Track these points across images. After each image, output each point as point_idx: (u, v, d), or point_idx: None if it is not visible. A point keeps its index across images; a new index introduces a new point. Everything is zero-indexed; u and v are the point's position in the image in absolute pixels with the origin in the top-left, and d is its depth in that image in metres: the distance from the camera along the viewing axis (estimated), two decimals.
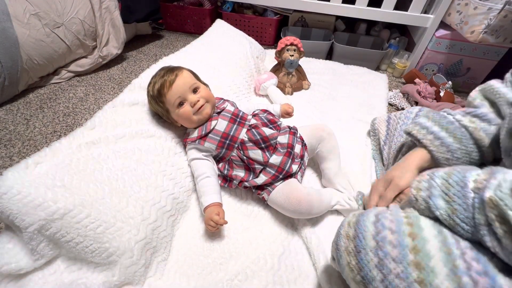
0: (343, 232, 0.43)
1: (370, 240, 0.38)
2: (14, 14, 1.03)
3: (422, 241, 0.35)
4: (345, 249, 0.41)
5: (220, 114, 0.71)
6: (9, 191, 0.45)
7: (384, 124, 0.87)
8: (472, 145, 0.54)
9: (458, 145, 0.54)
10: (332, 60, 1.42)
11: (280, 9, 1.56)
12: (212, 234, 0.64)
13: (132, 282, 0.53)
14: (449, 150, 0.54)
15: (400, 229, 0.38)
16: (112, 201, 0.54)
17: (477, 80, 1.34)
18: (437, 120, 0.58)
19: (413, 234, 0.37)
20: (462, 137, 0.54)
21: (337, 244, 0.43)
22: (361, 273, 0.38)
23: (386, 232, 0.38)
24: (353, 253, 0.40)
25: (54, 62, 1.18)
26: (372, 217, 0.41)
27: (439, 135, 0.56)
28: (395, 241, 0.37)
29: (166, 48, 1.59)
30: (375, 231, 0.39)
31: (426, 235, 0.36)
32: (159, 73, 0.70)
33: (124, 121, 0.68)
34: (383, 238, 0.37)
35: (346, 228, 0.43)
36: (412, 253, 0.35)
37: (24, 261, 0.49)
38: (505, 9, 0.97)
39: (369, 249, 0.38)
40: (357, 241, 0.40)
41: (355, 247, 0.40)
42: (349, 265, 0.40)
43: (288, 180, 0.67)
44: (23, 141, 0.92)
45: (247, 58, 1.12)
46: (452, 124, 0.56)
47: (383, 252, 0.37)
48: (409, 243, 0.36)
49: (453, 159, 0.55)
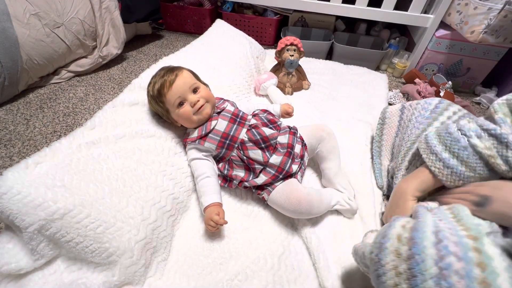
0: (391, 247, 0.38)
1: (431, 266, 0.33)
2: (14, 14, 1.03)
3: (493, 275, 0.31)
4: (393, 268, 0.36)
5: (220, 114, 0.71)
6: (9, 191, 0.45)
7: (397, 114, 0.80)
8: (487, 172, 0.50)
9: (471, 173, 0.50)
10: (332, 60, 1.42)
11: (280, 9, 1.56)
12: (212, 234, 0.64)
13: (132, 282, 0.53)
14: (460, 178, 0.51)
15: (467, 256, 0.33)
16: (112, 201, 0.54)
17: (477, 80, 1.34)
18: (449, 145, 0.53)
19: (482, 265, 0.32)
20: (476, 166, 0.50)
21: (380, 258, 0.38)
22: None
23: (452, 258, 0.33)
24: (405, 276, 0.35)
25: (54, 62, 1.18)
26: (431, 236, 0.36)
27: (449, 163, 0.52)
28: (462, 271, 0.32)
29: (166, 48, 1.59)
30: (438, 256, 0.34)
31: (496, 267, 0.32)
32: (159, 73, 0.70)
33: (124, 121, 0.68)
34: (448, 266, 0.33)
35: (396, 243, 0.38)
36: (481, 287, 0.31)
37: (24, 261, 0.49)
38: (505, 9, 0.97)
39: (429, 277, 0.33)
40: (413, 263, 0.35)
41: (409, 269, 0.34)
42: (397, 287, 0.35)
43: (288, 180, 0.67)
44: (23, 141, 0.92)
45: (247, 58, 1.12)
46: (465, 150, 0.51)
47: (447, 283, 0.32)
48: (478, 275, 0.31)
49: (463, 185, 0.52)
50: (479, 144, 0.49)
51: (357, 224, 0.68)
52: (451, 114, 0.67)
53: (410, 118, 0.74)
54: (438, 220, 0.40)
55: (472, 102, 1.30)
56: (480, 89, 1.34)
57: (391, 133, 0.81)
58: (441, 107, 0.69)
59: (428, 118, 0.69)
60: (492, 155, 0.48)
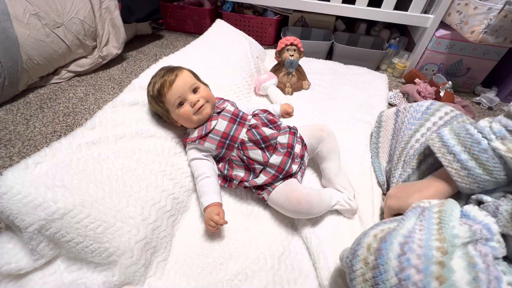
0: (361, 255, 0.40)
1: (392, 277, 0.35)
2: (14, 14, 1.03)
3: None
4: (361, 275, 0.39)
5: (220, 114, 0.71)
6: (9, 191, 0.45)
7: (392, 117, 0.83)
8: (504, 176, 0.49)
9: (487, 177, 0.49)
10: (332, 60, 1.42)
11: (280, 9, 1.56)
12: (212, 234, 0.64)
13: (132, 282, 0.53)
14: (476, 181, 0.50)
15: (428, 269, 0.34)
16: (112, 201, 0.54)
17: (477, 80, 1.34)
18: (469, 146, 0.51)
19: (441, 278, 0.33)
20: (493, 169, 0.49)
21: (352, 264, 0.41)
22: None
23: (412, 271, 0.35)
24: (370, 283, 0.37)
25: (54, 62, 1.18)
26: (396, 248, 0.37)
27: (466, 165, 0.51)
28: (420, 283, 0.33)
29: (166, 48, 1.59)
30: (399, 268, 0.35)
31: (456, 281, 0.33)
32: (159, 73, 0.70)
33: (124, 121, 0.68)
34: (407, 278, 0.34)
35: (366, 252, 0.40)
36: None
37: (24, 261, 0.49)
38: (505, 9, 0.97)
39: (390, 286, 0.35)
40: (377, 272, 0.37)
41: (374, 278, 0.37)
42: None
43: (288, 180, 0.67)
44: (23, 141, 0.92)
45: (247, 58, 1.12)
46: (485, 152, 0.49)
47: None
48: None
49: (478, 189, 0.51)
50: (501, 147, 0.47)
51: (357, 224, 0.68)
52: (443, 115, 0.68)
53: (403, 120, 0.76)
54: (418, 228, 0.41)
55: (472, 102, 1.30)
56: (480, 89, 1.34)
57: (387, 136, 0.83)
58: (432, 108, 0.70)
59: (420, 119, 0.70)
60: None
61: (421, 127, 0.69)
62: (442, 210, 0.44)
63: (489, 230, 0.41)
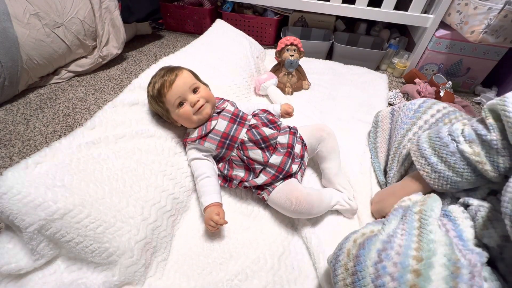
0: (342, 261, 0.42)
1: (368, 283, 0.36)
2: (14, 14, 1.03)
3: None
4: (342, 279, 0.40)
5: (220, 114, 0.71)
6: (9, 191, 0.45)
7: (388, 117, 0.83)
8: (475, 177, 0.50)
9: (458, 178, 0.51)
10: (332, 60, 1.42)
11: (280, 9, 1.56)
12: (212, 234, 0.64)
13: (132, 282, 0.53)
14: (448, 183, 0.52)
15: (403, 278, 0.35)
16: (112, 201, 0.54)
17: (477, 80, 1.34)
18: (438, 149, 0.54)
19: (415, 287, 0.34)
20: (463, 171, 0.50)
21: (335, 268, 0.42)
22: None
23: (387, 278, 0.36)
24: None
25: (54, 62, 1.18)
26: (374, 255, 0.38)
27: (436, 167, 0.53)
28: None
29: (166, 48, 1.59)
30: (375, 275, 0.36)
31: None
32: (159, 73, 0.70)
33: (124, 121, 0.68)
34: (382, 285, 0.35)
35: (345, 258, 0.41)
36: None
37: (24, 261, 0.48)
38: (505, 9, 0.97)
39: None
40: (355, 278, 0.38)
41: (353, 283, 0.38)
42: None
43: (288, 180, 0.67)
44: (23, 141, 0.92)
45: (247, 58, 1.12)
46: (453, 155, 0.51)
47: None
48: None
49: (452, 189, 0.52)
50: (468, 150, 0.49)
51: (357, 224, 0.68)
52: (435, 112, 0.68)
53: (397, 119, 0.77)
54: (400, 232, 0.41)
55: (472, 102, 1.30)
56: (480, 89, 1.34)
57: (385, 135, 0.84)
58: (425, 106, 0.70)
59: (412, 118, 0.71)
60: (480, 161, 0.47)
61: (413, 126, 0.69)
62: (422, 210, 0.44)
63: (460, 238, 0.42)
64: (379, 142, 0.85)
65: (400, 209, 0.49)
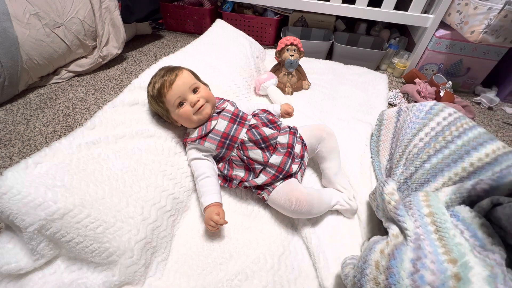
0: (370, 274, 0.38)
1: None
2: (14, 14, 1.03)
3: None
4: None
5: (220, 114, 0.71)
6: (9, 191, 0.45)
7: (394, 116, 0.84)
8: None
9: None
10: (332, 60, 1.42)
11: (280, 9, 1.56)
12: (212, 234, 0.64)
13: (132, 282, 0.53)
14: None
15: (444, 286, 0.32)
16: (112, 201, 0.54)
17: (477, 80, 1.34)
18: None
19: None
20: None
21: (361, 284, 0.39)
22: None
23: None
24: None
25: (54, 62, 1.18)
26: (408, 265, 0.36)
27: None
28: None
29: (166, 48, 1.59)
30: (412, 286, 0.34)
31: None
32: (159, 73, 0.70)
33: (124, 121, 0.68)
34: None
35: (375, 271, 0.38)
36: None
37: (24, 261, 0.49)
38: (505, 9, 0.97)
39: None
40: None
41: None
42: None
43: (288, 180, 0.67)
44: (23, 141, 0.92)
45: (247, 58, 1.12)
46: None
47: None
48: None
49: None
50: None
51: (357, 224, 0.68)
52: (447, 115, 0.69)
53: (405, 119, 0.77)
54: (422, 239, 0.39)
55: (472, 102, 1.30)
56: (480, 89, 1.34)
57: (388, 134, 0.84)
58: (436, 109, 0.71)
59: (424, 118, 0.71)
60: None
61: (424, 127, 0.70)
62: (433, 213, 0.43)
63: (476, 238, 0.41)
64: (381, 141, 0.86)
65: (401, 206, 0.49)
